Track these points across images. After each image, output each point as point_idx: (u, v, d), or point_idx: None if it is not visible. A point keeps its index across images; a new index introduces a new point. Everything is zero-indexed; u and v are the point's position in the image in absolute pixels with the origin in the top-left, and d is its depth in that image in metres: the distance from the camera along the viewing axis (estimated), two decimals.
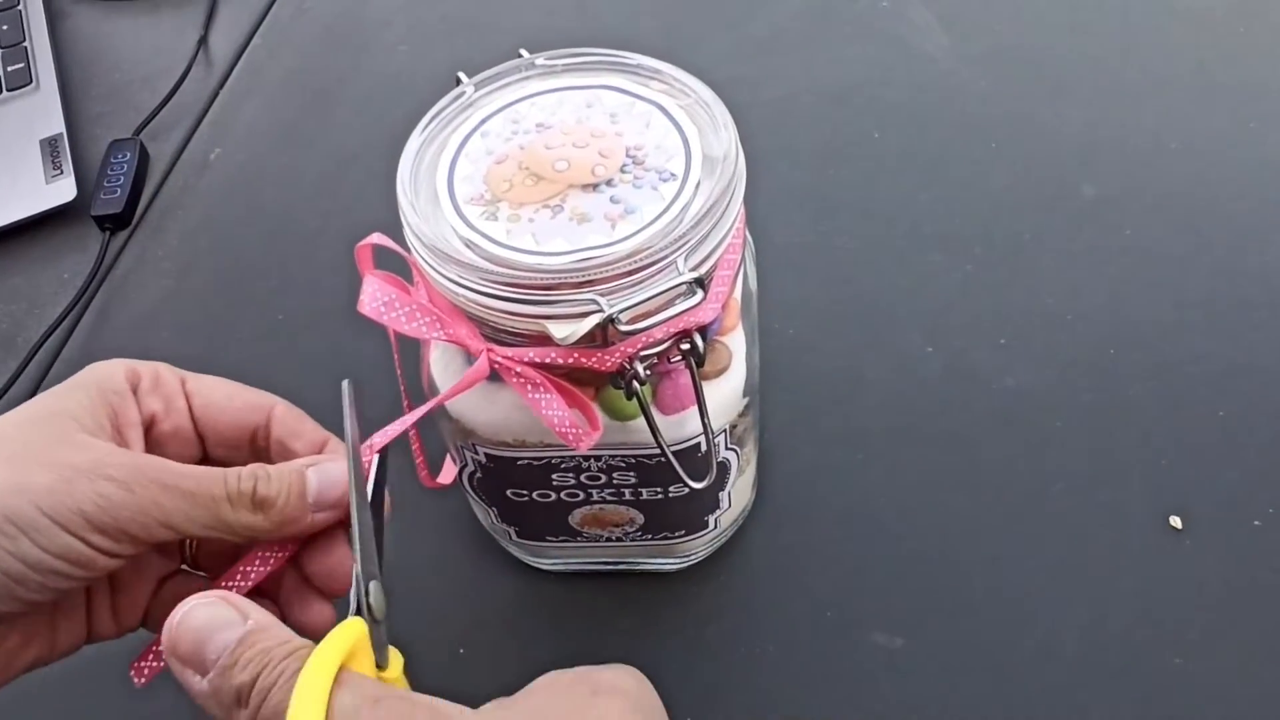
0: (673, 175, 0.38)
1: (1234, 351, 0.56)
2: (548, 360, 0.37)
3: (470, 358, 0.38)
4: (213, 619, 0.31)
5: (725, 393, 0.42)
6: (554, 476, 0.43)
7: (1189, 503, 0.51)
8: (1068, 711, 0.46)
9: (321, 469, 0.37)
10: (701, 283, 0.35)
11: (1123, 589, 0.49)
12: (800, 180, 0.67)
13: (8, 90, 0.78)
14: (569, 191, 0.38)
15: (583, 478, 0.43)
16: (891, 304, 0.60)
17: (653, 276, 0.35)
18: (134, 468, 0.34)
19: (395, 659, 0.33)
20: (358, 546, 0.34)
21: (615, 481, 0.43)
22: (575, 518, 0.46)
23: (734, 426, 0.43)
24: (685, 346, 0.37)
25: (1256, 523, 0.50)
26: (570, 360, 0.37)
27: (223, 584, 0.38)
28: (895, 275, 0.61)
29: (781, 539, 0.52)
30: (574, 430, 0.37)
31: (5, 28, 0.82)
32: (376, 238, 0.40)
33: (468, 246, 0.37)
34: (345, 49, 0.81)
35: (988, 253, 0.62)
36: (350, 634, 0.31)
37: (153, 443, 0.39)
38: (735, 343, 0.42)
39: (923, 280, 0.61)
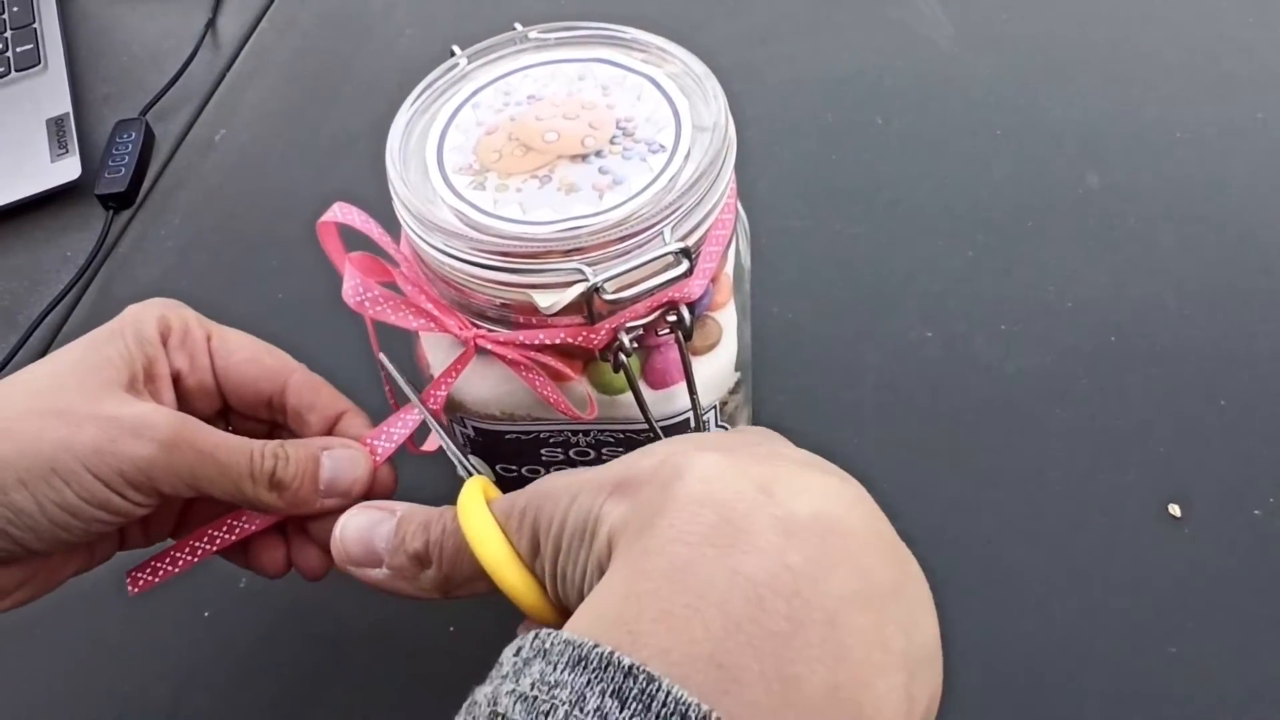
0: (662, 147, 0.38)
1: (1236, 341, 0.56)
2: (536, 342, 0.37)
3: None
4: (368, 521, 0.34)
5: (716, 368, 0.41)
6: (543, 451, 0.43)
7: (1188, 491, 0.51)
8: (1061, 698, 0.45)
9: (335, 456, 0.40)
10: (688, 253, 0.35)
11: (1119, 576, 0.48)
12: (802, 165, 0.67)
13: (16, 70, 0.78)
14: (558, 162, 0.38)
15: (571, 453, 0.43)
16: (892, 288, 0.60)
17: (639, 246, 0.35)
18: (174, 431, 0.36)
19: None
20: (443, 441, 0.39)
21: (605, 457, 0.43)
22: None
23: (724, 403, 0.43)
24: (672, 319, 0.37)
25: (1256, 512, 0.50)
26: (558, 341, 0.36)
27: (230, 520, 0.41)
28: (896, 260, 0.61)
29: None
30: (567, 412, 0.37)
31: (15, 9, 0.82)
32: (338, 211, 0.40)
33: (455, 216, 0.36)
34: (351, 33, 0.81)
35: (989, 239, 0.61)
36: (478, 483, 0.34)
37: (179, 394, 0.41)
38: (726, 318, 0.42)
39: (924, 265, 0.61)
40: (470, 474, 0.36)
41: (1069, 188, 0.64)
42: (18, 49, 0.79)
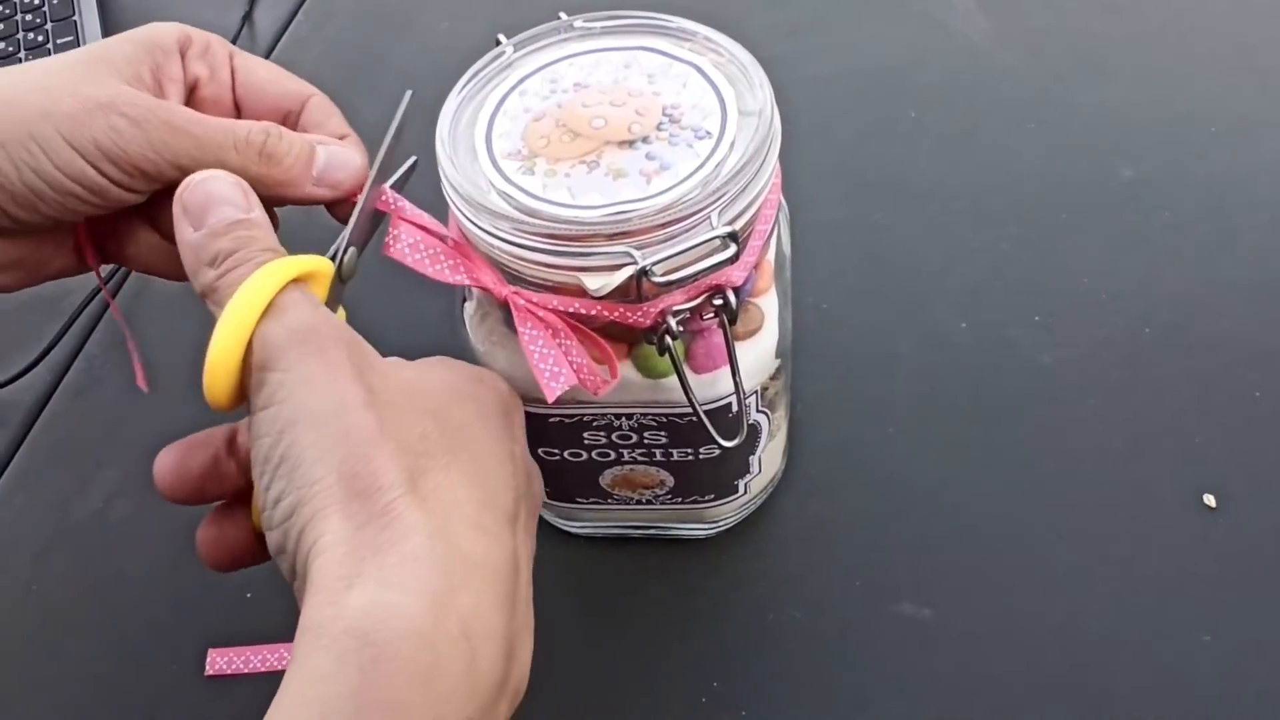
0: (708, 134, 0.38)
1: (1270, 333, 0.56)
2: (572, 310, 0.37)
3: (506, 314, 0.39)
4: (226, 194, 0.34)
5: (757, 353, 0.42)
6: (585, 435, 0.43)
7: (1223, 481, 0.51)
8: (1094, 686, 0.46)
9: (330, 150, 0.40)
10: (735, 237, 0.35)
11: (1153, 565, 0.49)
12: (837, 158, 0.67)
13: None
14: (605, 148, 0.38)
15: (614, 436, 0.43)
16: (926, 280, 0.60)
17: (687, 230, 0.35)
18: (146, 108, 0.37)
19: (340, 312, 0.37)
20: (356, 215, 0.37)
21: (646, 441, 0.43)
22: (606, 478, 0.46)
23: (765, 389, 0.44)
24: (718, 302, 0.37)
25: None
26: (602, 313, 0.37)
27: None
28: (930, 252, 0.61)
29: (811, 508, 0.52)
30: (592, 377, 0.38)
31: (55, 1, 0.83)
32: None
33: (504, 199, 0.37)
34: (387, 25, 0.82)
35: (1023, 231, 0.62)
36: (318, 263, 0.34)
37: (194, 104, 0.41)
38: (768, 304, 0.42)
39: (957, 257, 0.61)
40: (336, 254, 0.36)
41: (1102, 181, 0.64)
42: (58, 40, 0.80)
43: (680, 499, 0.48)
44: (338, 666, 0.27)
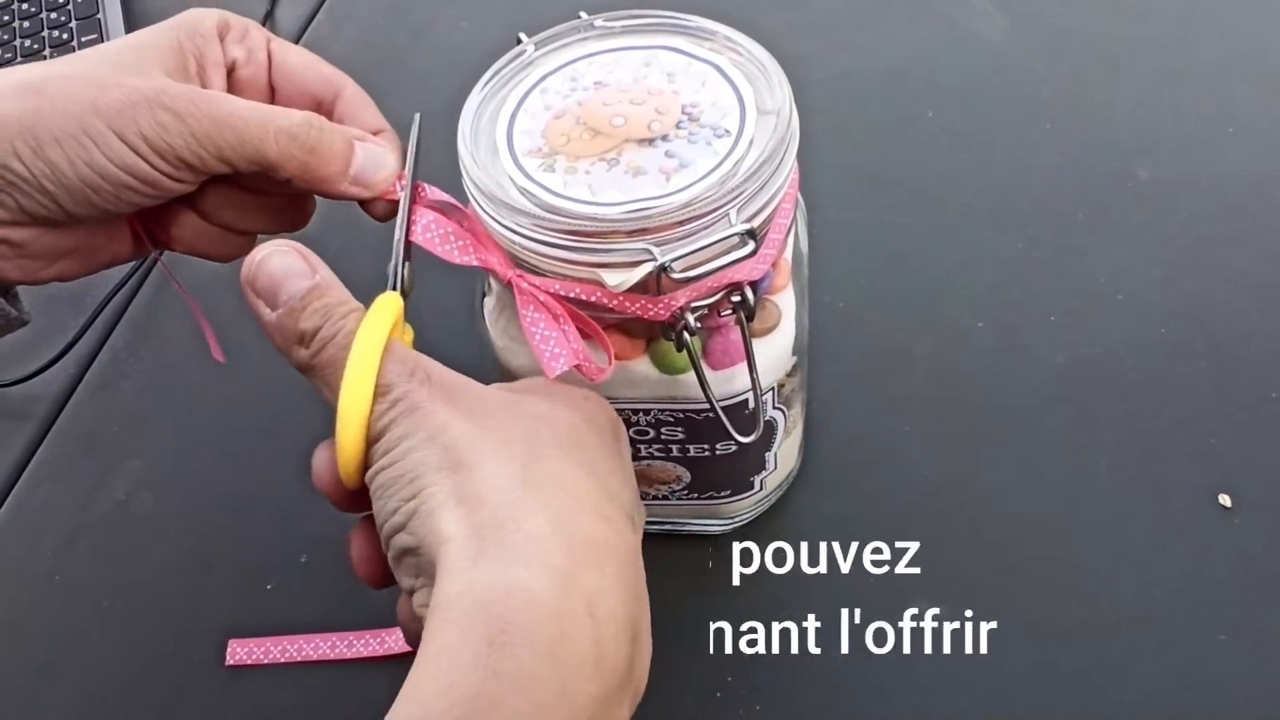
0: (727, 132, 0.38)
1: None
2: (573, 295, 0.38)
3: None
4: (287, 267, 0.34)
5: (774, 350, 0.42)
6: None
7: (1239, 482, 0.51)
8: (1109, 684, 0.46)
9: (368, 149, 0.41)
10: (754, 234, 0.35)
11: (1169, 564, 0.49)
12: (854, 158, 0.67)
13: None
14: (625, 146, 0.38)
15: (631, 432, 0.44)
16: (942, 280, 0.60)
17: (705, 228, 0.36)
18: (189, 100, 0.37)
19: (408, 331, 0.38)
20: (402, 229, 0.38)
21: (663, 437, 0.44)
22: None
23: (781, 386, 0.44)
24: (736, 299, 0.37)
25: None
26: (606, 302, 0.37)
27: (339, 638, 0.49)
28: (947, 252, 0.62)
29: (826, 505, 0.52)
30: (588, 363, 0.38)
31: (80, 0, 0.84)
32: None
33: (524, 196, 0.37)
34: (407, 25, 0.82)
35: (1040, 231, 0.62)
36: (393, 306, 0.35)
37: (233, 85, 0.42)
38: (785, 302, 0.43)
39: (974, 257, 0.61)
40: (396, 286, 0.37)
41: (1119, 181, 0.64)
42: (83, 39, 0.81)
43: (696, 495, 0.48)
44: (465, 639, 0.28)
